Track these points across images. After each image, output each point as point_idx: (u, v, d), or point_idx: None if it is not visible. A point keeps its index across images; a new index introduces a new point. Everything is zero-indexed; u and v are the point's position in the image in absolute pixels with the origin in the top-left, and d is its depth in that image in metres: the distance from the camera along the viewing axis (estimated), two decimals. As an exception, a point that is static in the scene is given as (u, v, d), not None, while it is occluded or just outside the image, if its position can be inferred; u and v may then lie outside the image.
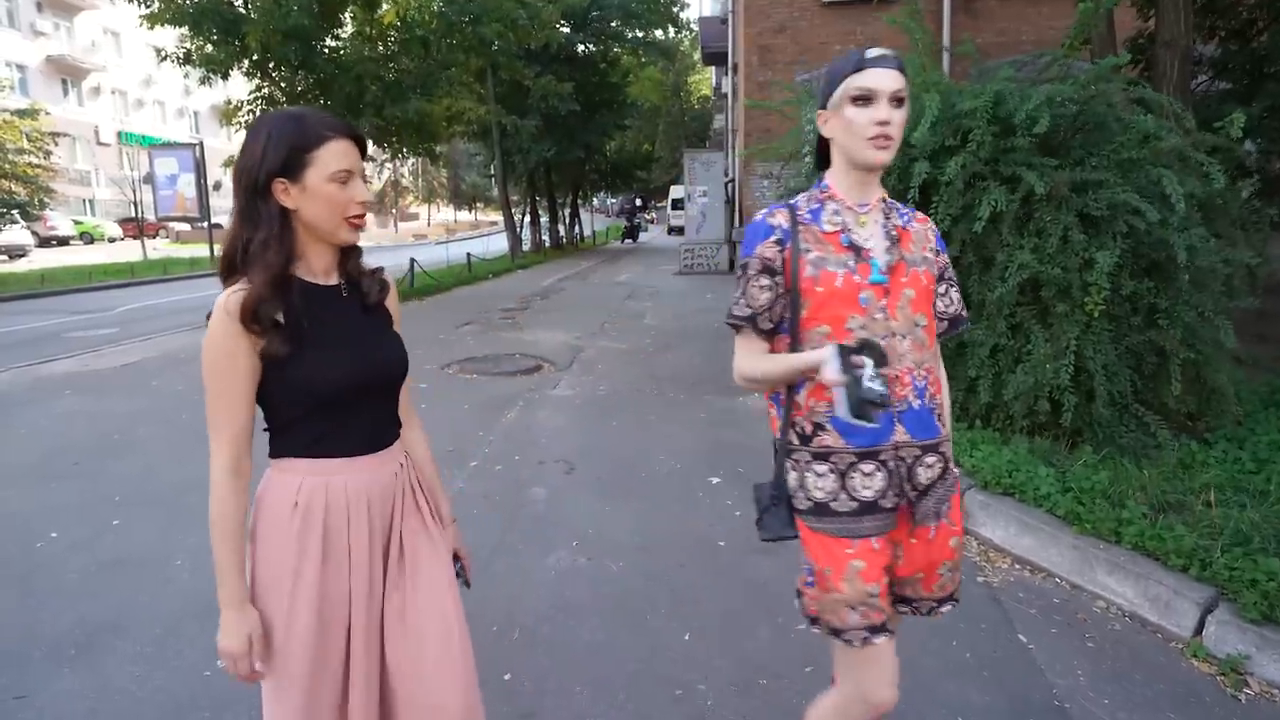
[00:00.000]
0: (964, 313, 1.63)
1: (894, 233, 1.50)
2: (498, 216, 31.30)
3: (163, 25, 9.92)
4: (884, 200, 1.54)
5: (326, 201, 1.26)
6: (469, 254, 18.58)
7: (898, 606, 1.58)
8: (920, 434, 1.47)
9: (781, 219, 1.51)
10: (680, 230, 17.54)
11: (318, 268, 1.34)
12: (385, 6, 9.85)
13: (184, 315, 11.21)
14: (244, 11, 9.73)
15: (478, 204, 54.91)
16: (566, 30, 19.72)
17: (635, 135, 37.07)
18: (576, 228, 30.08)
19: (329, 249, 1.35)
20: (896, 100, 1.41)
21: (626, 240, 31.71)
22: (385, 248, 30.62)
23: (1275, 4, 6.74)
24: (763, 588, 3.08)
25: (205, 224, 22.45)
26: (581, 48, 22.58)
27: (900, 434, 1.45)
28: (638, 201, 42.71)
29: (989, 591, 3.10)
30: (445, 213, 63.54)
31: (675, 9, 23.04)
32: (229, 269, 1.29)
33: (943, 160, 4.27)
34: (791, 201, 1.55)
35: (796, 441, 1.51)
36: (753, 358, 1.53)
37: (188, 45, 10.53)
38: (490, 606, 2.91)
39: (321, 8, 9.94)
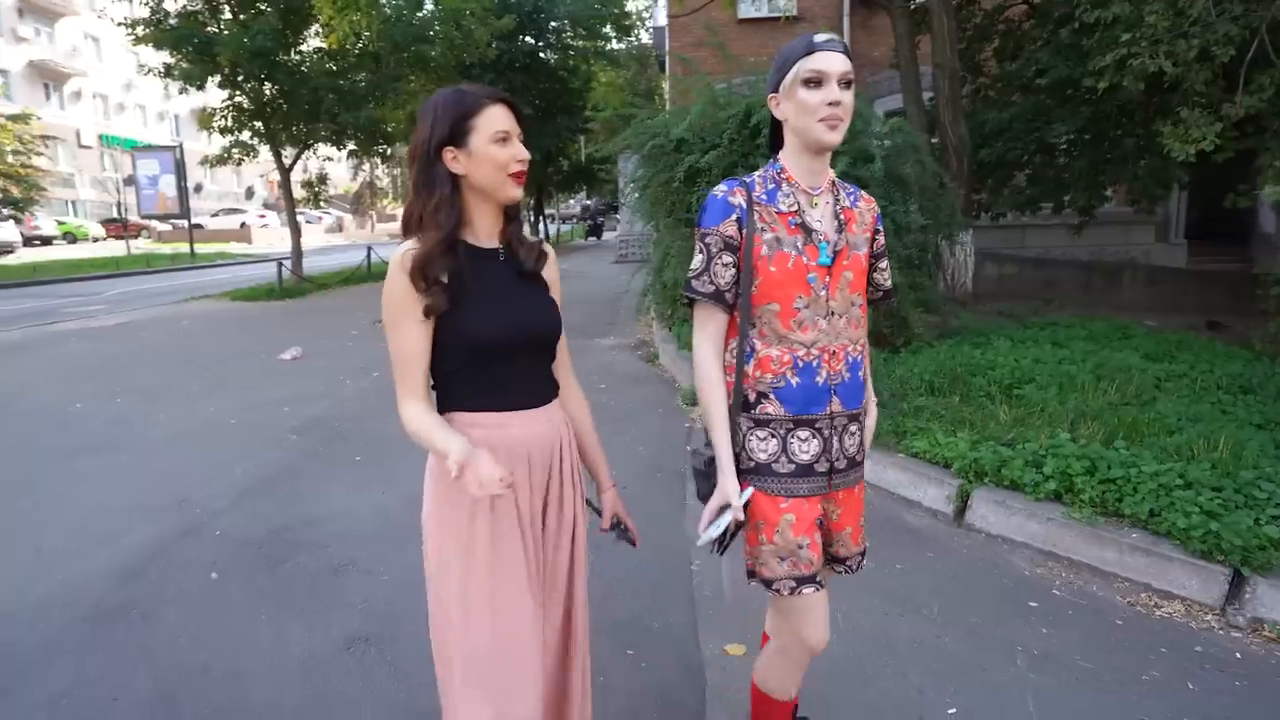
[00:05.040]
0: (890, 283, 1.72)
1: (841, 216, 1.56)
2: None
3: (146, 45, 11.53)
4: (834, 182, 1.58)
5: (490, 161, 1.37)
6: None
7: (834, 566, 1.72)
8: (850, 404, 1.58)
9: (740, 198, 1.53)
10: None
11: (482, 232, 1.45)
12: (319, 26, 11.28)
13: (166, 296, 12.81)
14: (215, 33, 11.34)
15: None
16: (515, 43, 21.42)
17: (606, 138, 38.26)
18: (542, 226, 31.80)
19: (495, 213, 1.46)
20: (845, 82, 1.46)
21: (590, 238, 33.51)
22: (359, 245, 32.16)
23: (1018, 34, 8.56)
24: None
25: (185, 223, 23.88)
26: (542, 56, 24.39)
27: (835, 404, 1.56)
28: (589, 205, 43.13)
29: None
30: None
31: (637, 18, 24.98)
32: (405, 232, 1.43)
33: (709, 153, 6.04)
34: (747, 179, 1.57)
35: (741, 408, 1.58)
36: (709, 390, 1.57)
37: (166, 61, 12.09)
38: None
39: (284, 27, 11.60)
